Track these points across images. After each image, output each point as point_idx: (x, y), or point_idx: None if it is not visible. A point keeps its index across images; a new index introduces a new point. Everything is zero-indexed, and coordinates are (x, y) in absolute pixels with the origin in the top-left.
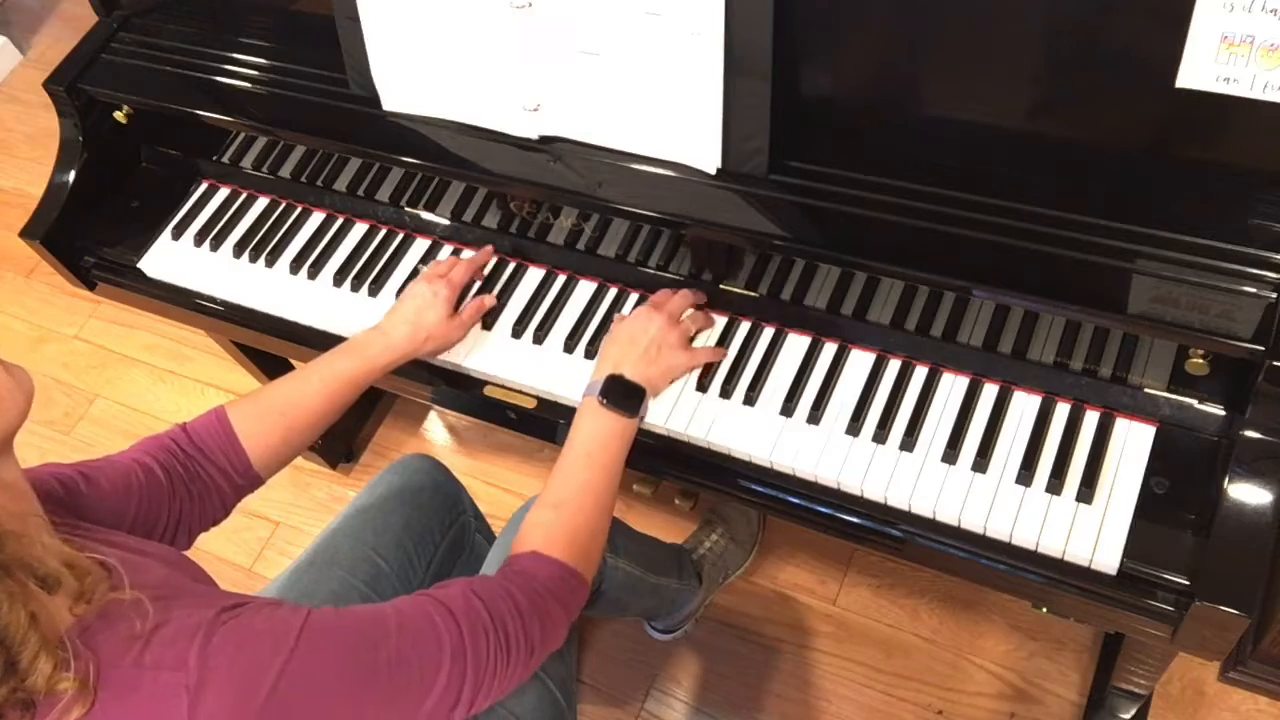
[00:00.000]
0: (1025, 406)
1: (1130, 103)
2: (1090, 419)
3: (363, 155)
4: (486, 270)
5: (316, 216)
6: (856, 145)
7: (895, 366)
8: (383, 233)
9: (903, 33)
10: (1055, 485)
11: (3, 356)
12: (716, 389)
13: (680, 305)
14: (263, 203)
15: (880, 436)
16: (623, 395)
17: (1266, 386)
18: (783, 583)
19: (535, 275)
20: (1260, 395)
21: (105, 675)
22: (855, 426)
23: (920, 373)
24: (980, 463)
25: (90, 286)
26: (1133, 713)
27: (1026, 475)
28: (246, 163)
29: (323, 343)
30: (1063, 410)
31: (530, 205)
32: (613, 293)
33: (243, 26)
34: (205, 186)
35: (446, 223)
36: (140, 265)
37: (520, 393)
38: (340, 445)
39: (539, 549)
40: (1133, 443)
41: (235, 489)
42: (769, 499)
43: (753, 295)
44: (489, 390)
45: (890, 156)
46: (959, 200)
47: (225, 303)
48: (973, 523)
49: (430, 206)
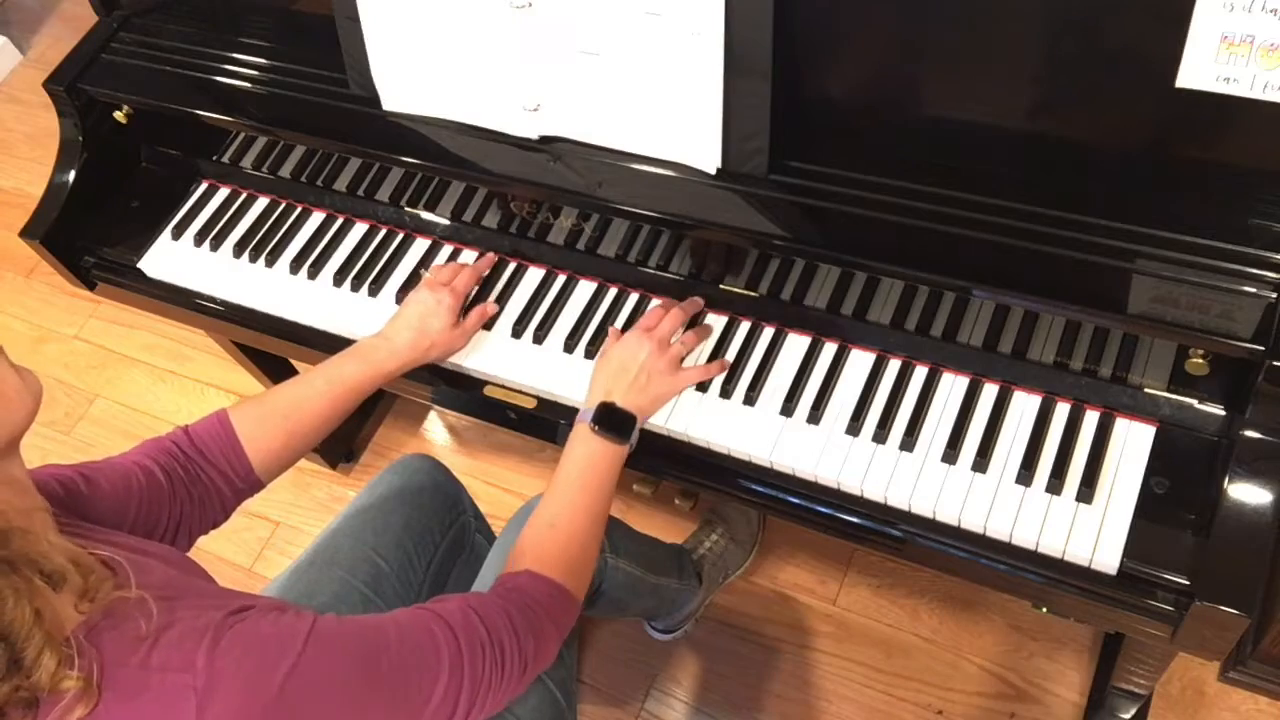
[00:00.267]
0: (1025, 406)
1: (1130, 103)
2: (1090, 419)
3: (363, 155)
4: (491, 265)
5: (316, 216)
6: (856, 145)
7: (895, 366)
8: (383, 233)
9: (903, 33)
10: (1055, 485)
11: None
12: (716, 389)
13: (670, 328)
14: (263, 203)
15: (880, 436)
16: (614, 423)
17: (1266, 386)
18: (783, 583)
19: (535, 275)
20: (1260, 395)
21: (110, 675)
22: (855, 426)
23: (920, 373)
24: (980, 463)
25: (90, 286)
26: (1133, 713)
27: (1026, 475)
28: (246, 163)
29: (323, 343)
30: (1063, 410)
31: (530, 205)
32: (613, 293)
33: (243, 26)
34: (205, 186)
35: (446, 223)
36: (140, 265)
37: (520, 393)
38: (340, 445)
39: (533, 568)
40: (1133, 443)
41: (236, 492)
42: (769, 499)
43: (753, 295)
44: (489, 390)
45: (890, 156)
46: (959, 200)
47: (225, 303)
48: (973, 523)
49: (430, 206)
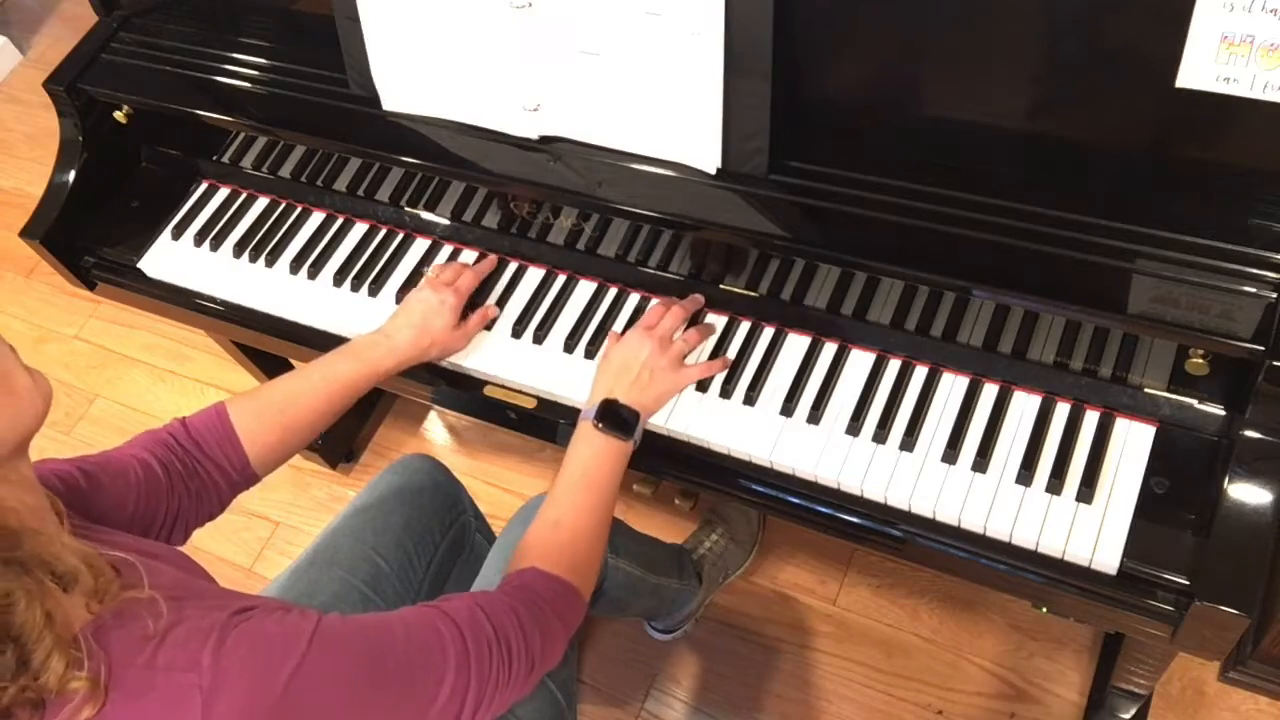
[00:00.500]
0: (1025, 406)
1: (1130, 103)
2: (1090, 419)
3: (363, 155)
4: (493, 268)
5: (316, 216)
6: (856, 145)
7: (895, 366)
8: (383, 233)
9: (903, 33)
10: (1055, 485)
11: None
12: (716, 389)
13: (672, 325)
14: (263, 203)
15: (880, 436)
16: (617, 421)
17: (1266, 386)
18: (783, 583)
19: (535, 275)
20: (1260, 395)
21: (117, 675)
22: (855, 426)
23: (920, 373)
24: (980, 463)
25: (90, 286)
26: (1133, 713)
27: (1026, 475)
28: (246, 163)
29: (323, 343)
30: (1063, 410)
31: (530, 205)
32: (613, 293)
33: (243, 26)
34: (205, 186)
35: (446, 223)
36: (140, 265)
37: (520, 393)
38: (340, 445)
39: (539, 565)
40: (1133, 443)
41: (232, 485)
42: (769, 499)
43: (753, 295)
44: (489, 390)
45: (890, 156)
46: (959, 200)
47: (225, 303)
48: (973, 523)
49: (430, 206)
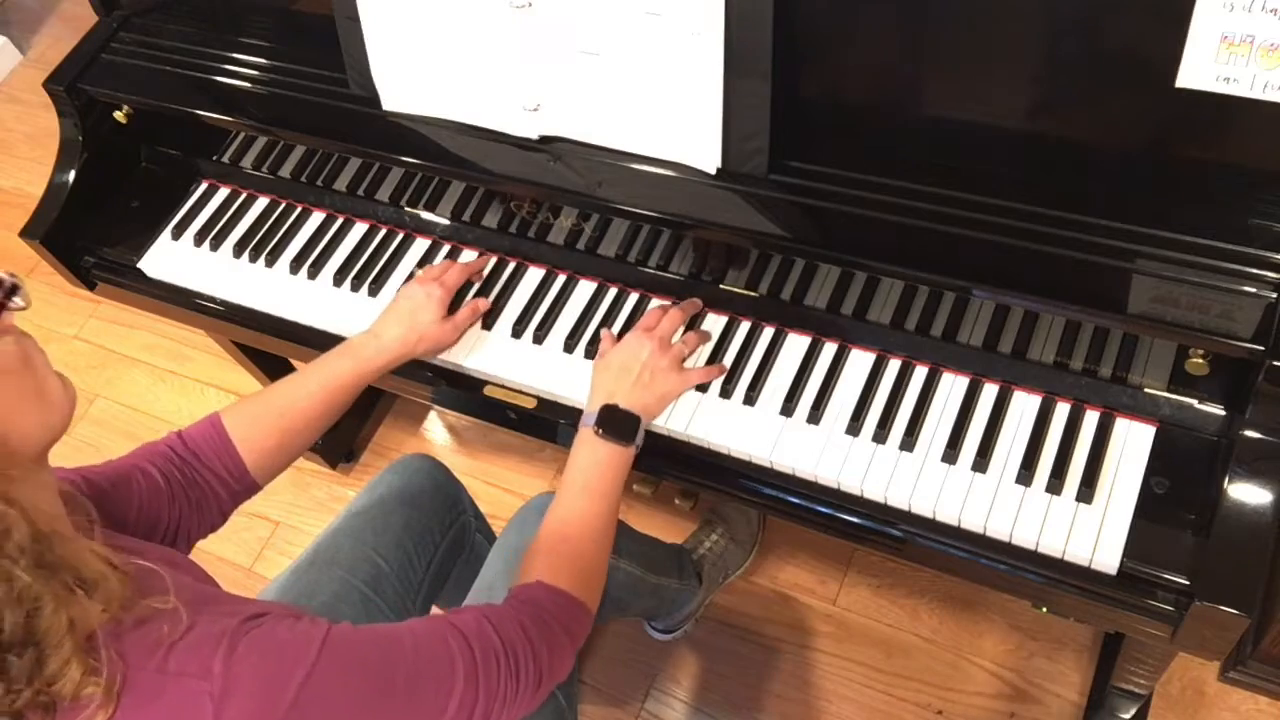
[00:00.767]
0: (1025, 406)
1: (1130, 103)
2: (1090, 419)
3: (363, 155)
4: (484, 273)
5: (316, 216)
6: (856, 145)
7: (895, 366)
8: (383, 233)
9: (903, 33)
10: (1055, 485)
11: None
12: (716, 389)
13: (671, 327)
14: (263, 203)
15: (880, 436)
16: (618, 425)
17: (1266, 386)
18: (783, 583)
19: (535, 275)
20: (1260, 395)
21: (129, 680)
22: (855, 426)
23: (920, 373)
24: (980, 462)
25: (90, 286)
26: (1133, 713)
27: (1026, 475)
28: (246, 163)
29: (323, 343)
30: (1063, 410)
31: (530, 205)
32: (613, 292)
33: (243, 26)
34: (205, 186)
35: (446, 223)
36: (140, 265)
37: (520, 393)
38: (340, 445)
39: (544, 578)
40: (1133, 443)
41: (232, 495)
42: (769, 499)
43: (753, 295)
44: (489, 390)
45: (890, 156)
46: (959, 200)
47: (225, 303)
48: (973, 523)
49: (430, 206)
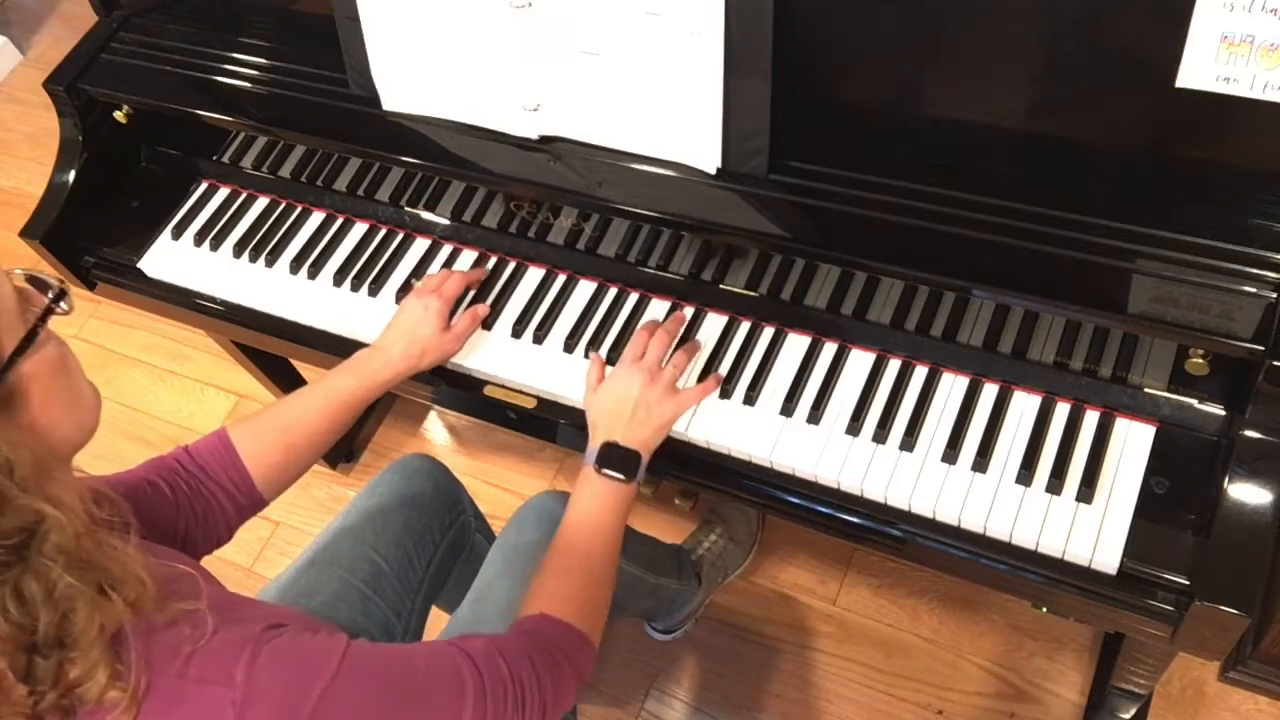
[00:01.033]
0: (1025, 406)
1: (1130, 103)
2: (1090, 419)
3: (363, 155)
4: (482, 278)
5: (316, 216)
6: (856, 145)
7: (895, 366)
8: (383, 233)
9: (903, 33)
10: (1055, 485)
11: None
12: (716, 389)
13: (658, 353)
14: (263, 202)
15: (880, 436)
16: (618, 462)
17: (1266, 386)
18: (783, 583)
19: (535, 275)
20: (1260, 395)
21: (150, 685)
22: (855, 426)
23: (920, 373)
24: (980, 462)
25: (90, 286)
26: (1133, 713)
27: (1026, 475)
28: (246, 163)
29: (322, 343)
30: (1063, 410)
31: (530, 205)
32: (613, 292)
33: (243, 26)
34: (205, 186)
35: (446, 223)
36: (140, 265)
37: (520, 393)
38: (340, 445)
39: (549, 612)
40: (1133, 443)
41: (238, 509)
42: (769, 499)
43: (753, 295)
44: (489, 390)
45: (890, 156)
46: (959, 200)
47: (225, 303)
48: (973, 523)
49: (430, 206)
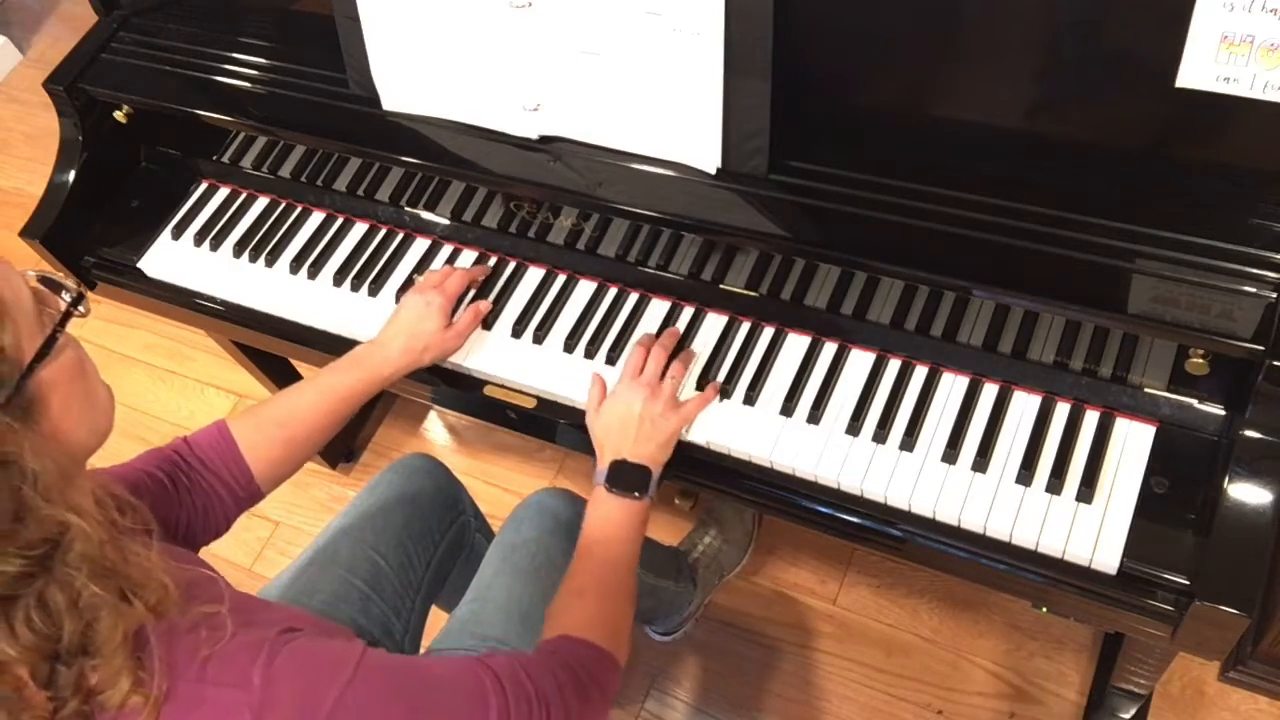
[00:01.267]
0: (1025, 406)
1: (1130, 103)
2: (1090, 419)
3: (363, 155)
4: (484, 275)
5: (316, 216)
6: (856, 145)
7: (895, 366)
8: (383, 232)
9: (903, 33)
10: (1055, 485)
11: None
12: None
13: (657, 368)
14: (263, 202)
15: (880, 436)
16: (628, 480)
17: (1266, 386)
18: (783, 583)
19: (535, 275)
20: (1260, 395)
21: (170, 689)
22: (855, 426)
23: (920, 372)
24: (980, 462)
25: (90, 286)
26: (1133, 713)
27: (1026, 475)
28: (246, 163)
29: (322, 342)
30: (1063, 410)
31: (530, 205)
32: (613, 293)
33: (243, 26)
34: (205, 186)
35: (446, 222)
36: (140, 265)
37: (520, 393)
38: (340, 445)
39: (570, 632)
40: (1133, 442)
41: (237, 501)
42: (769, 499)
43: (753, 295)
44: (489, 390)
45: (890, 156)
46: (959, 200)
47: (225, 303)
48: (972, 522)
49: (430, 206)
